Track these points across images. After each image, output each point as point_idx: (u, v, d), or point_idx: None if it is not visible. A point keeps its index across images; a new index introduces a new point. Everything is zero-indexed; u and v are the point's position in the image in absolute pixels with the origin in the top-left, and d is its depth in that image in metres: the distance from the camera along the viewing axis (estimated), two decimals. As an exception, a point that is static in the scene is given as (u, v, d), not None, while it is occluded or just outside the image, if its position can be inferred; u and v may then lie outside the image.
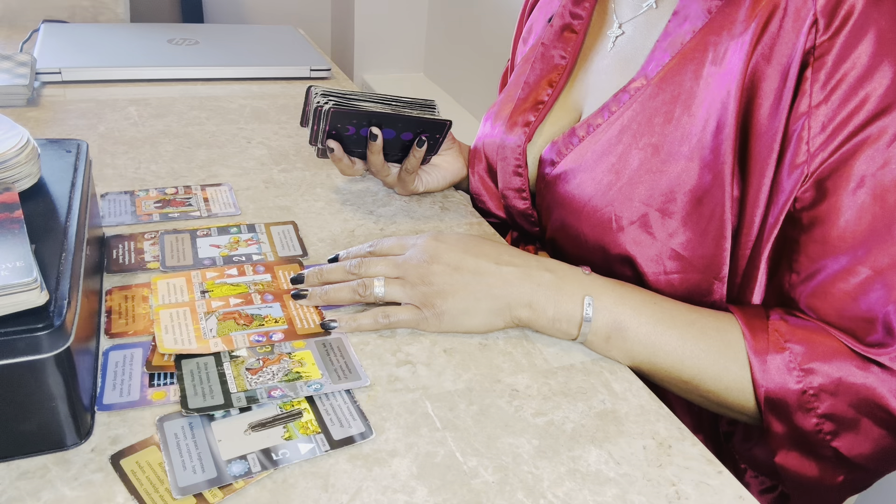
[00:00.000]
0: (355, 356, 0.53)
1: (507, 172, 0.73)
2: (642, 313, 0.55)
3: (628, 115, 0.61)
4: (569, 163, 0.65)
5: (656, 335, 0.54)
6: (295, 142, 0.93)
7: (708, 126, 0.56)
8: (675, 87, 0.58)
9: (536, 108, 0.71)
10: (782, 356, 0.52)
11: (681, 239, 0.58)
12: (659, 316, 0.55)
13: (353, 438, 0.46)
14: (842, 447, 0.52)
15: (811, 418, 0.51)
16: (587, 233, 0.63)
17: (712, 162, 0.56)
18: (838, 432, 0.51)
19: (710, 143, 0.56)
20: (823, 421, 0.51)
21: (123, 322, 0.54)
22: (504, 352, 0.56)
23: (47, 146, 0.59)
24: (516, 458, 0.46)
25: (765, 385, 0.52)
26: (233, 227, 0.69)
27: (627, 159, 0.60)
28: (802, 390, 0.51)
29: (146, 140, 0.89)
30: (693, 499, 0.44)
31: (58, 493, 0.40)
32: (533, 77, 0.72)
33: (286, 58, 1.23)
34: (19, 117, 0.92)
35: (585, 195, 0.63)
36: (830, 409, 0.51)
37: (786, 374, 0.51)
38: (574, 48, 0.70)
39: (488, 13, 2.05)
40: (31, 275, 0.39)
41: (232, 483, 0.42)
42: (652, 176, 0.58)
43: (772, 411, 0.52)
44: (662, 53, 0.60)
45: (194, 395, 0.47)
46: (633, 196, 0.59)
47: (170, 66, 1.12)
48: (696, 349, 0.54)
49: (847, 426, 0.51)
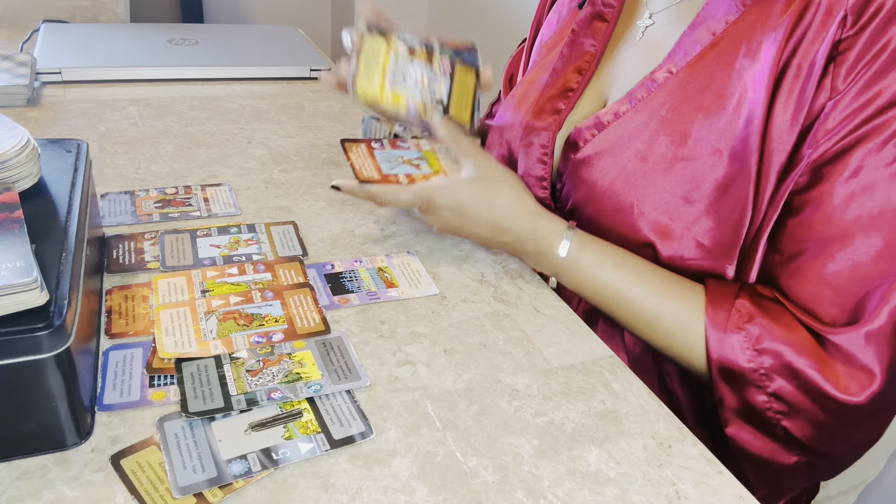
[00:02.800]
0: (355, 356, 0.53)
1: (532, 160, 0.71)
2: (620, 265, 0.61)
3: (657, 102, 0.61)
4: (593, 148, 0.65)
5: (627, 284, 0.60)
6: (295, 142, 0.93)
7: (739, 117, 0.56)
8: (705, 77, 0.59)
9: (566, 96, 0.70)
10: (738, 335, 0.54)
11: (702, 227, 0.58)
12: (636, 266, 0.61)
13: (354, 438, 0.46)
14: (792, 427, 0.53)
15: (761, 395, 0.53)
16: (607, 218, 0.64)
17: (741, 153, 0.56)
18: (788, 413, 0.53)
19: (740, 135, 0.56)
20: (773, 400, 0.53)
21: (123, 322, 0.54)
22: (504, 352, 0.56)
23: (47, 146, 0.59)
24: (516, 458, 0.46)
25: (717, 356, 0.54)
26: (233, 227, 0.69)
27: (654, 146, 0.60)
28: (754, 369, 0.53)
29: (146, 140, 0.89)
30: (693, 499, 0.44)
31: (58, 493, 0.40)
32: (561, 64, 0.71)
33: (286, 58, 1.23)
34: (19, 117, 0.92)
35: (608, 179, 0.63)
36: (779, 390, 0.52)
37: (739, 352, 0.53)
38: (604, 36, 0.69)
39: (488, 13, 2.05)
40: (32, 275, 0.39)
41: (232, 483, 0.42)
42: (679, 164, 0.59)
43: (724, 381, 0.54)
44: (693, 44, 0.60)
45: (194, 398, 0.47)
46: (657, 182, 0.60)
47: (170, 66, 1.12)
48: (658, 331, 0.59)
49: (795, 408, 0.52)
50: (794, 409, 0.52)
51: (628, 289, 0.60)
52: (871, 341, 0.50)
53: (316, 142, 0.93)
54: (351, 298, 0.61)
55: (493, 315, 0.60)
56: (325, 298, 0.60)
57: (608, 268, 0.61)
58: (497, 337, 0.57)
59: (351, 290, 0.62)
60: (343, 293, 0.61)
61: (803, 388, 0.52)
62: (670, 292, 0.58)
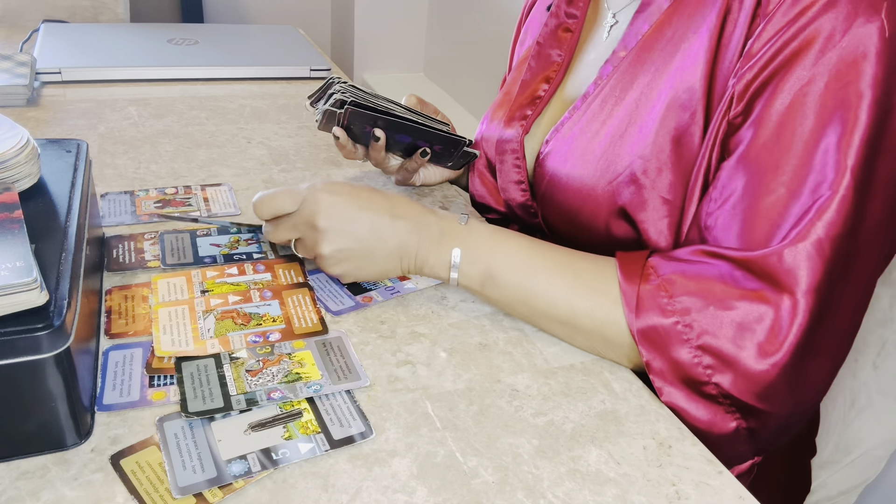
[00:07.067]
0: (355, 356, 0.53)
1: (507, 166, 0.74)
2: (514, 259, 0.58)
3: (611, 84, 0.63)
4: (558, 141, 0.67)
5: (527, 279, 0.57)
6: (295, 142, 0.93)
7: (684, 68, 0.57)
8: (654, 50, 0.60)
9: (534, 103, 0.72)
10: (651, 286, 0.52)
11: (664, 182, 0.59)
12: (532, 261, 0.57)
13: (353, 438, 0.46)
14: (724, 383, 0.50)
15: (687, 349, 0.51)
16: (574, 200, 0.64)
17: (687, 101, 0.57)
18: (717, 367, 0.50)
19: (684, 83, 0.57)
20: (701, 353, 0.50)
21: (123, 322, 0.54)
22: (504, 352, 0.56)
23: (47, 146, 0.59)
24: (516, 458, 0.46)
25: (636, 316, 0.52)
26: (233, 226, 0.69)
27: (610, 123, 0.62)
28: (675, 321, 0.51)
29: (146, 140, 0.89)
30: (693, 499, 0.44)
31: (58, 493, 0.40)
32: (529, 75, 0.73)
33: (286, 58, 1.23)
34: (19, 117, 0.92)
35: (569, 164, 0.64)
36: (705, 342, 0.50)
37: (657, 306, 0.52)
38: (570, 46, 0.71)
39: (488, 13, 2.05)
40: (31, 275, 0.39)
41: (232, 483, 0.42)
42: (633, 129, 0.60)
43: (647, 343, 0.52)
44: (642, 24, 0.62)
45: (194, 398, 0.47)
46: (617, 152, 0.61)
47: (170, 66, 1.12)
48: (567, 288, 0.56)
49: (724, 359, 0.50)
50: (725, 360, 0.50)
51: (537, 277, 0.57)
52: (791, 259, 0.48)
53: (315, 142, 0.93)
54: (373, 296, 0.61)
55: (493, 315, 0.60)
56: (349, 300, 0.60)
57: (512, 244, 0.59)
58: (497, 337, 0.57)
59: (370, 288, 0.62)
60: (363, 292, 0.62)
61: (730, 337, 0.49)
62: (579, 275, 0.56)
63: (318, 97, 0.74)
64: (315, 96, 0.74)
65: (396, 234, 0.58)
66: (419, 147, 0.74)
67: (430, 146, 0.74)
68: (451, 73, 2.39)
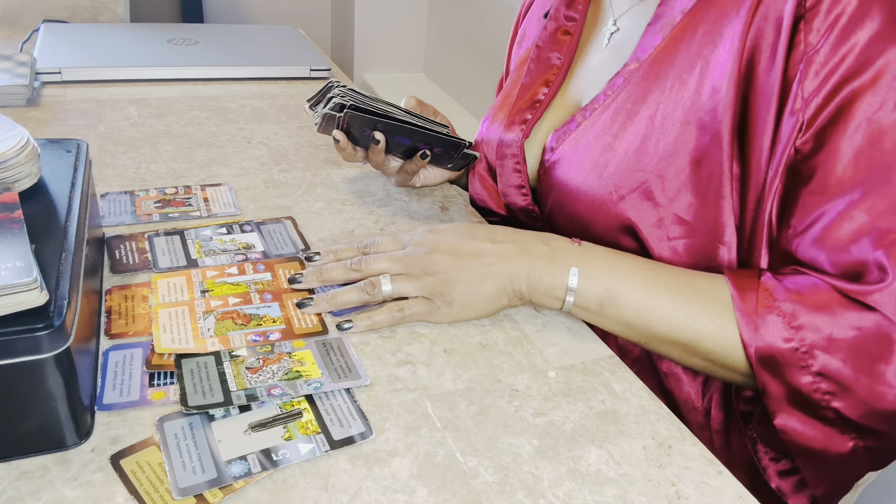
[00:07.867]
0: (355, 356, 0.53)
1: (507, 170, 0.73)
2: (634, 279, 0.55)
3: (623, 97, 0.62)
4: (566, 148, 0.66)
5: (649, 300, 0.55)
6: (295, 142, 0.93)
7: (703, 89, 0.57)
8: (667, 64, 0.59)
9: (534, 107, 0.72)
10: (772, 314, 0.52)
11: (683, 203, 0.58)
12: (651, 281, 0.55)
13: (353, 438, 0.46)
14: (843, 408, 0.50)
15: (806, 376, 0.50)
16: (585, 211, 0.64)
17: (709, 123, 0.56)
18: (836, 392, 0.50)
19: (706, 105, 0.56)
20: (819, 379, 0.50)
21: (123, 322, 0.54)
22: (504, 352, 0.56)
23: (47, 146, 0.59)
24: (516, 458, 0.46)
25: (754, 343, 0.52)
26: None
27: (623, 136, 0.61)
28: (794, 348, 0.50)
29: (146, 140, 0.89)
30: (693, 499, 0.44)
31: (58, 493, 0.40)
32: (529, 79, 0.73)
33: (286, 58, 1.23)
34: (19, 117, 0.92)
35: (581, 175, 0.64)
36: (825, 367, 0.50)
37: (776, 332, 0.51)
38: (570, 49, 0.71)
39: (488, 13, 2.05)
40: (31, 275, 0.39)
41: (232, 483, 0.42)
42: (650, 144, 0.59)
43: (765, 369, 0.52)
44: (654, 36, 0.61)
45: (194, 392, 0.47)
46: (632, 167, 0.60)
47: (170, 66, 1.12)
48: (691, 311, 0.54)
49: (844, 386, 0.50)
50: (843, 387, 0.50)
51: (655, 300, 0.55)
52: None
53: (316, 142, 0.93)
54: None
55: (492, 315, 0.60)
56: None
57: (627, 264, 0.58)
58: (497, 337, 0.57)
59: None
60: None
61: (850, 362, 0.49)
62: (693, 298, 0.55)
63: (318, 100, 0.74)
64: (314, 100, 0.74)
65: (501, 256, 0.57)
66: (419, 149, 0.74)
67: (430, 148, 0.74)
68: (451, 74, 2.39)
